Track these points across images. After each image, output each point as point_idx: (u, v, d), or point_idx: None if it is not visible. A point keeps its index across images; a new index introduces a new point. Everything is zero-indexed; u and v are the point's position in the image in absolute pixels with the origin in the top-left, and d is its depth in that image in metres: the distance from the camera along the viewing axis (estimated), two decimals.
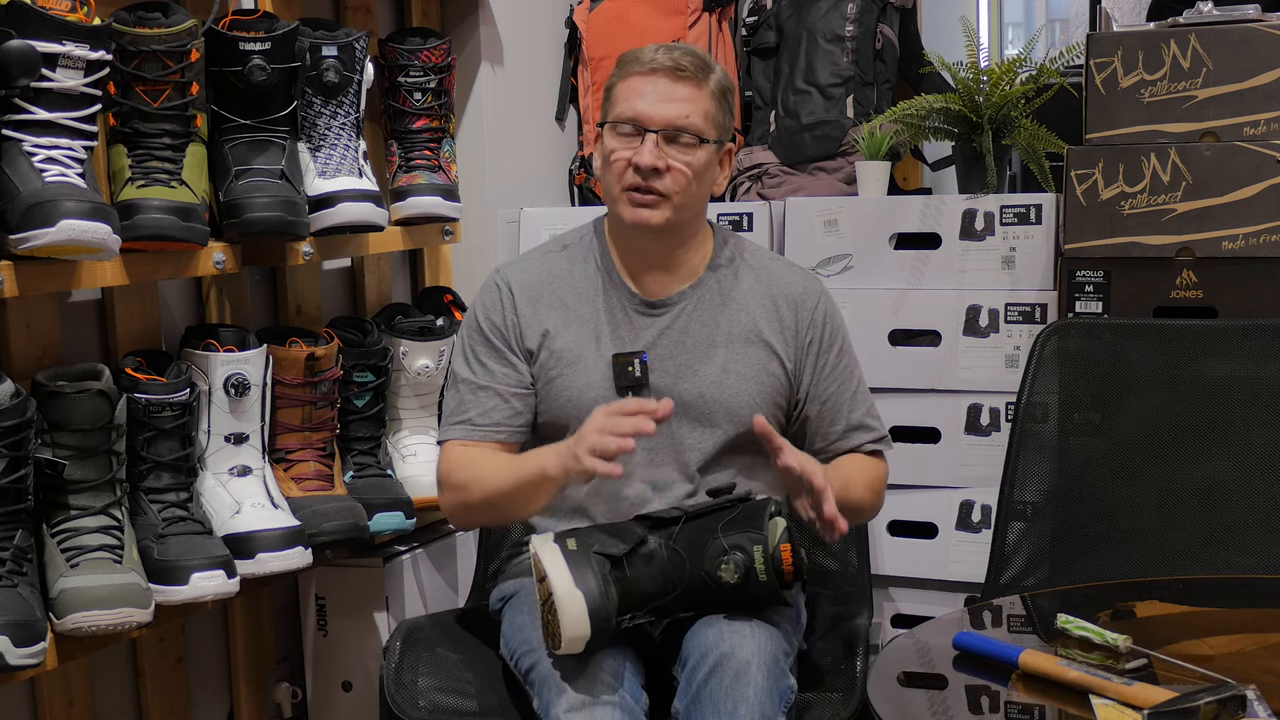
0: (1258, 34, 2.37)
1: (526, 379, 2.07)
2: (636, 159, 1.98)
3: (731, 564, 1.82)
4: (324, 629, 2.59)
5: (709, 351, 2.06)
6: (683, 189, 2.00)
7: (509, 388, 2.07)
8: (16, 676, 1.91)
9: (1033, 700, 1.68)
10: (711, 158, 2.03)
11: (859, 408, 2.12)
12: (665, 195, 1.99)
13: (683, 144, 1.99)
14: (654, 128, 1.99)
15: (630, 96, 2.01)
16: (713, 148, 2.03)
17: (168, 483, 2.12)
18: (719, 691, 1.79)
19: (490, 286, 2.13)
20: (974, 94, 2.64)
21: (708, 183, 2.05)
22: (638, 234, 2.04)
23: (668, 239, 2.06)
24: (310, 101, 2.36)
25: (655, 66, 2.00)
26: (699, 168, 2.01)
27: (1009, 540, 2.33)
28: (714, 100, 2.02)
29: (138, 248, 2.06)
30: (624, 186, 2.01)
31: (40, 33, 1.86)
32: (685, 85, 2.00)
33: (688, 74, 2.00)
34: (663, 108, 1.99)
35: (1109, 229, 2.45)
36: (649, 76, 2.00)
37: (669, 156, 1.99)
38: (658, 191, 1.99)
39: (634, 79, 2.02)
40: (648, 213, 2.00)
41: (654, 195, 1.99)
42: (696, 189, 2.02)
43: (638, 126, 2.00)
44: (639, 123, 2.00)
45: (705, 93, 2.01)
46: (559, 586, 1.77)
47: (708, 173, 2.04)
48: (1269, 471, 2.26)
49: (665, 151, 1.99)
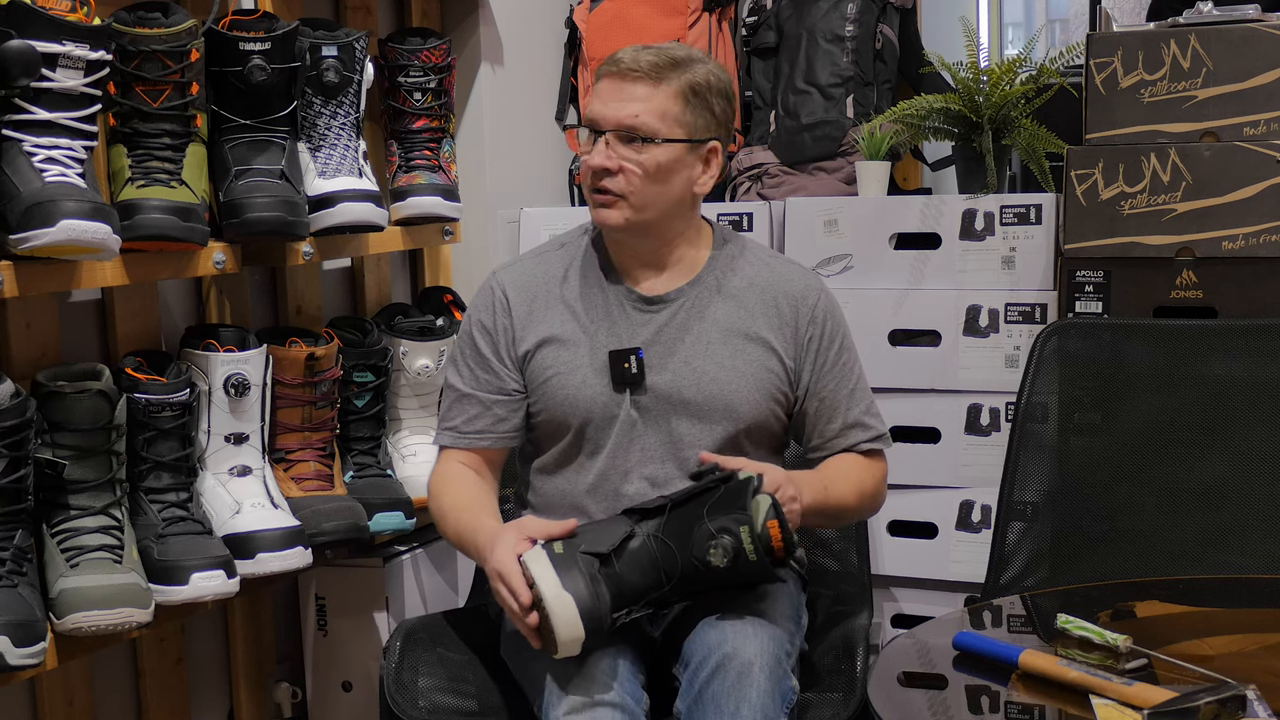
0: (1258, 34, 2.37)
1: (510, 385, 2.08)
2: (589, 160, 2.01)
3: (720, 548, 1.80)
4: (324, 629, 2.59)
5: (707, 348, 2.06)
6: (636, 189, 1.99)
7: (490, 395, 2.08)
8: (16, 676, 1.91)
9: (1033, 700, 1.68)
10: (676, 156, 2.01)
11: (857, 406, 2.11)
12: (621, 195, 2.00)
13: (635, 144, 1.99)
14: (605, 128, 2.00)
15: (592, 99, 2.04)
16: (676, 147, 2.00)
17: (168, 483, 2.12)
18: (721, 692, 1.79)
19: (485, 290, 2.13)
20: (974, 94, 2.64)
21: (677, 183, 2.02)
22: (614, 233, 2.05)
23: (650, 238, 2.06)
24: (310, 101, 2.36)
25: (611, 69, 2.01)
26: (653, 168, 1.99)
27: (1009, 540, 2.33)
28: (677, 99, 2.00)
29: (138, 248, 2.06)
30: (588, 187, 2.03)
31: (40, 33, 1.86)
32: (639, 85, 1.99)
33: (640, 73, 1.99)
34: (613, 108, 2.00)
35: (1109, 229, 2.45)
36: (606, 79, 2.02)
37: (620, 157, 1.99)
38: (613, 192, 2.00)
39: (599, 81, 2.04)
40: (605, 213, 2.02)
41: (610, 195, 2.00)
42: (654, 188, 2.00)
43: (593, 128, 2.01)
44: (593, 124, 2.01)
45: (664, 92, 1.99)
46: (547, 592, 1.77)
47: (673, 173, 2.01)
48: (1269, 471, 2.26)
49: (616, 152, 1.99)
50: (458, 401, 2.11)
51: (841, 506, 2.06)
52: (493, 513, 2.04)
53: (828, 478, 2.04)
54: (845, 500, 2.06)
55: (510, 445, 2.13)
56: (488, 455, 2.11)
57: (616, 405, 2.04)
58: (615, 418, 2.04)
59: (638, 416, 2.04)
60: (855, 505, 2.09)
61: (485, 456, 2.11)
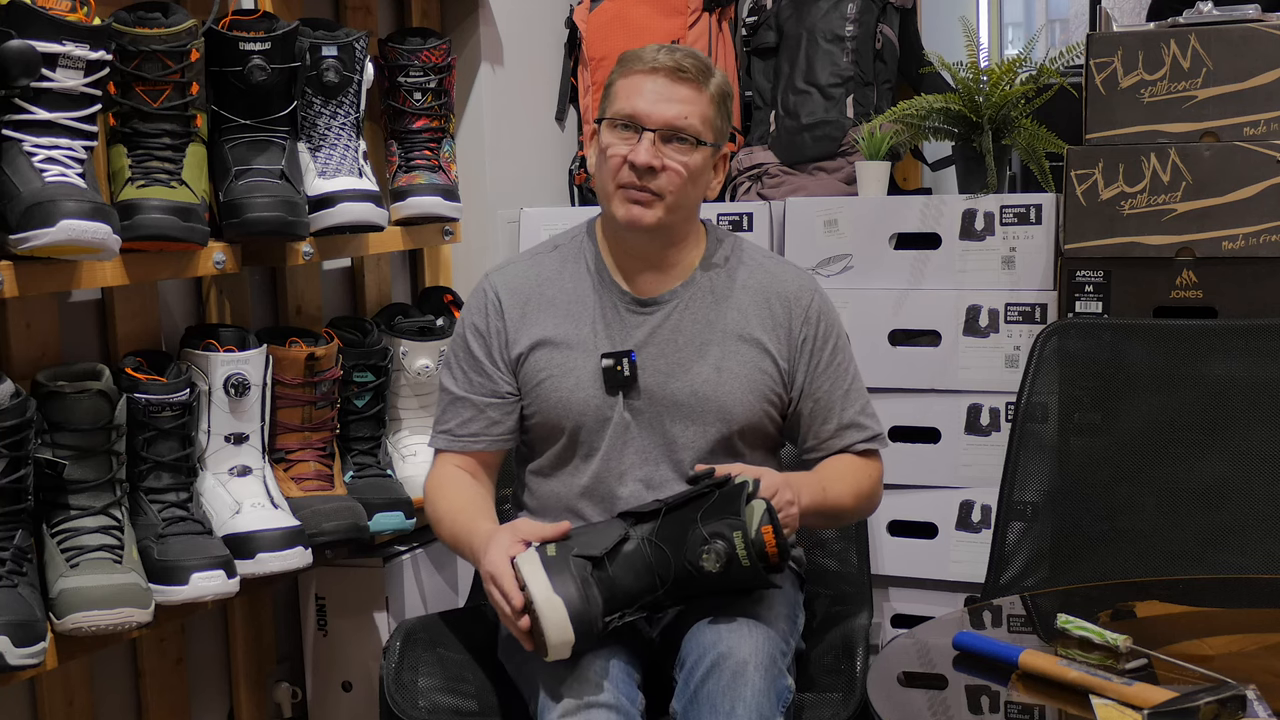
0: (1258, 34, 2.37)
1: (503, 388, 2.08)
2: (632, 156, 1.98)
3: (713, 553, 1.80)
4: (324, 629, 2.59)
5: (701, 350, 2.06)
6: (677, 189, 2.00)
7: (484, 398, 2.09)
8: (16, 676, 1.91)
9: (1033, 700, 1.68)
10: (707, 161, 2.03)
11: (851, 406, 2.11)
12: (659, 195, 1.99)
13: (679, 145, 1.99)
14: (652, 126, 1.99)
15: (630, 94, 2.01)
16: (709, 150, 2.03)
17: (168, 483, 2.12)
18: (716, 691, 1.79)
19: (478, 292, 2.14)
20: (974, 94, 2.64)
21: (702, 185, 2.05)
22: (630, 233, 2.04)
23: (659, 239, 2.06)
24: (310, 101, 2.36)
25: (657, 66, 2.00)
26: (694, 169, 2.01)
27: (1009, 540, 2.33)
28: (713, 104, 2.02)
29: (138, 248, 2.06)
30: (619, 184, 2.00)
31: (40, 33, 1.86)
32: (686, 86, 2.00)
33: (689, 75, 2.00)
34: (662, 107, 1.99)
35: (1109, 229, 2.45)
36: (650, 75, 2.00)
37: (665, 156, 1.99)
38: (652, 190, 1.99)
39: (635, 77, 2.01)
40: (640, 210, 2.00)
41: (648, 194, 1.99)
42: (690, 191, 2.02)
43: (635, 124, 1.99)
44: (637, 120, 1.99)
45: (705, 96, 2.01)
46: (538, 595, 1.77)
47: (703, 175, 2.04)
48: (1269, 471, 2.26)
49: (661, 150, 1.99)
50: (452, 405, 2.11)
51: (839, 507, 2.06)
52: (488, 515, 2.04)
53: (825, 479, 2.05)
54: (843, 501, 2.06)
55: (505, 448, 2.13)
56: (483, 458, 2.12)
57: (610, 408, 2.04)
58: (609, 420, 2.04)
59: (631, 419, 2.04)
60: (853, 506, 2.09)
61: (480, 459, 2.11)
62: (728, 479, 1.87)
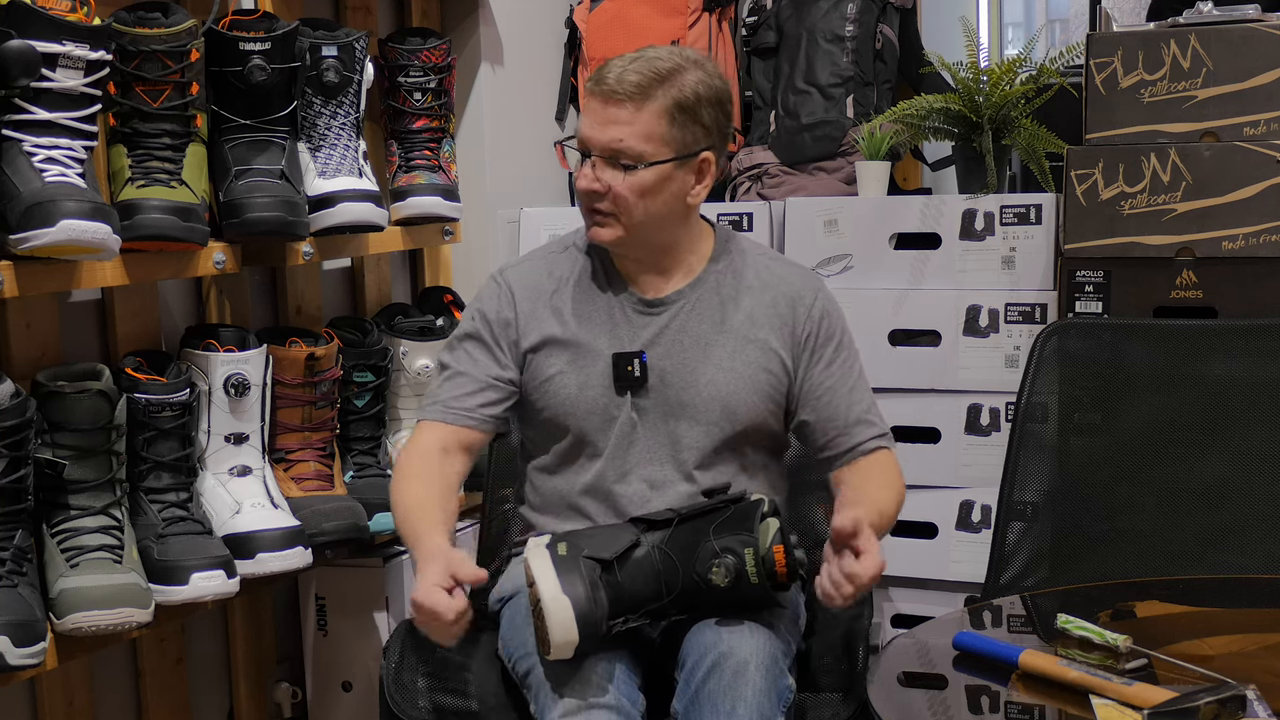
0: (1258, 34, 2.37)
1: (506, 373, 2.07)
2: (577, 182, 2.02)
3: (722, 567, 1.81)
4: (324, 629, 2.59)
5: (707, 350, 2.06)
6: (627, 209, 2.00)
7: (486, 376, 2.07)
8: (16, 676, 1.91)
9: (1033, 700, 1.68)
10: (665, 175, 2.00)
11: (858, 404, 2.11)
12: (611, 215, 2.00)
13: (622, 166, 1.98)
14: (593, 151, 2.00)
15: (583, 116, 2.04)
16: (664, 167, 2.00)
17: (168, 483, 2.12)
18: (717, 691, 1.79)
19: (490, 284, 2.13)
20: (974, 94, 2.64)
21: (669, 197, 2.02)
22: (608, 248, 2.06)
23: (647, 247, 2.06)
24: (310, 101, 2.36)
25: (595, 89, 2.00)
26: (642, 188, 1.99)
27: (1009, 540, 2.33)
28: (662, 118, 1.98)
29: (138, 248, 2.06)
30: (581, 204, 2.05)
31: (40, 33, 1.86)
32: (620, 108, 1.97)
33: (622, 96, 1.97)
34: (598, 131, 1.99)
35: (1109, 229, 2.45)
36: (592, 97, 2.01)
37: (609, 179, 1.99)
38: (602, 211, 2.01)
39: (587, 98, 2.03)
40: (598, 230, 2.02)
41: (600, 214, 2.01)
42: (649, 205, 2.00)
43: (583, 149, 2.01)
44: (584, 145, 2.01)
45: (648, 112, 1.97)
46: (546, 592, 1.77)
47: (663, 189, 2.00)
48: (1269, 471, 2.26)
49: (603, 174, 1.99)
50: (450, 379, 2.08)
51: (892, 518, 2.06)
52: (440, 521, 1.96)
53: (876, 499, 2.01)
54: (890, 512, 2.05)
55: (489, 432, 2.09)
56: (466, 437, 2.06)
57: (616, 407, 2.04)
58: (615, 419, 2.04)
59: (637, 419, 2.04)
60: (897, 509, 2.09)
61: (462, 437, 2.06)
62: (743, 495, 1.89)
